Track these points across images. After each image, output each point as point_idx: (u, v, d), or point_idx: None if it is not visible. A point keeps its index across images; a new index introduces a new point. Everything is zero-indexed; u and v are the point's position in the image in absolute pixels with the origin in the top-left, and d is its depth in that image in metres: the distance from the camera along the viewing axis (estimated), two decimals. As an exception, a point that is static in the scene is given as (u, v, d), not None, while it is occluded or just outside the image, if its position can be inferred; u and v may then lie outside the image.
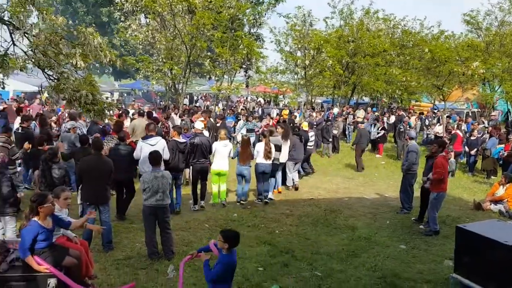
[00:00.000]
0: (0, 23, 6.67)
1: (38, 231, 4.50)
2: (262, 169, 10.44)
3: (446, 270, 6.88)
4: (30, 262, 4.36)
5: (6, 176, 7.00)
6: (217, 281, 4.55)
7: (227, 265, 4.56)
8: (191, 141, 9.67)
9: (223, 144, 10.08)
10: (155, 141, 8.76)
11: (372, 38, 24.82)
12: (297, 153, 11.72)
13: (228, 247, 4.59)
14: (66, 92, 6.31)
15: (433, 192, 8.71)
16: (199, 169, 9.81)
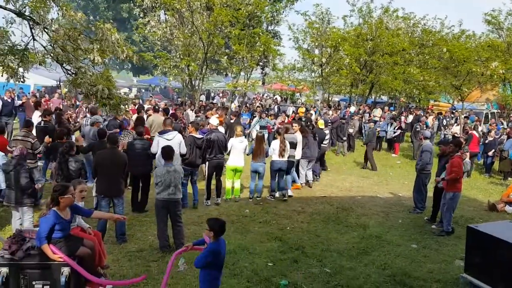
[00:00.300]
0: (21, 18, 6.83)
1: (56, 221, 4.64)
2: (278, 166, 10.49)
3: (456, 270, 6.87)
4: (45, 250, 4.49)
5: (25, 167, 7.19)
6: (206, 267, 4.73)
7: (212, 253, 4.70)
8: (208, 137, 9.74)
9: (239, 141, 10.16)
10: (171, 136, 8.88)
11: (391, 37, 24.61)
12: (310, 151, 11.73)
13: (213, 235, 4.73)
14: (83, 87, 6.45)
15: (449, 192, 8.65)
16: (216, 164, 9.86)
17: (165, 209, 7.14)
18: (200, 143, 9.52)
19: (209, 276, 4.76)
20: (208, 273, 4.76)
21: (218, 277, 4.85)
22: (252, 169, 10.41)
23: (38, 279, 4.52)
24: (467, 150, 12.43)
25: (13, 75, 6.32)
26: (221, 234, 4.81)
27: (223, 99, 31.93)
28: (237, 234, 8.20)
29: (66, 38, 7.00)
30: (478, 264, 6.33)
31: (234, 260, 6.98)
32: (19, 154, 7.26)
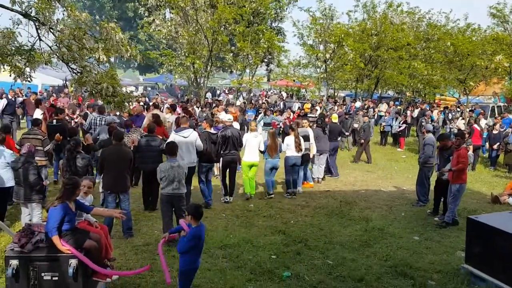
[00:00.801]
0: (27, 19, 7.00)
1: (67, 213, 4.81)
2: (293, 162, 10.56)
3: (458, 261, 6.94)
4: (55, 241, 4.65)
5: (33, 164, 7.36)
6: (187, 252, 4.95)
7: (193, 237, 4.92)
8: (222, 133, 9.80)
9: (253, 135, 10.25)
10: (188, 133, 8.91)
11: (395, 32, 24.64)
12: (320, 144, 11.77)
13: (193, 219, 4.97)
14: (88, 85, 6.62)
15: (455, 184, 8.72)
16: (230, 160, 9.86)
17: (169, 203, 7.29)
18: (214, 139, 9.61)
19: (190, 259, 5.03)
20: (189, 258, 5.02)
21: (197, 259, 5.14)
22: (269, 165, 10.41)
23: (47, 271, 4.68)
24: (470, 143, 12.46)
25: (20, 74, 6.49)
26: (200, 218, 5.06)
27: (229, 96, 32.08)
28: (242, 228, 8.33)
29: (72, 38, 7.16)
30: (479, 254, 6.41)
31: (238, 253, 7.11)
32: (27, 152, 7.44)
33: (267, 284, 6.16)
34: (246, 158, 10.25)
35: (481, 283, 6.19)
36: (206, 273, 6.41)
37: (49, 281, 4.68)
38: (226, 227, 8.40)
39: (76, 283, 4.70)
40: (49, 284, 4.68)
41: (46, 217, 5.01)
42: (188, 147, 8.83)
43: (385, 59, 25.05)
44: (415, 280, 6.34)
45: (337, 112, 20.09)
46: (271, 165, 10.43)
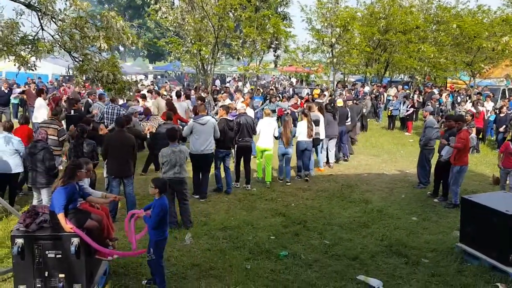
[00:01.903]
0: (30, 9, 7.21)
1: (73, 192, 5.06)
2: (304, 147, 10.72)
3: (453, 240, 7.07)
4: (61, 218, 4.89)
5: (50, 150, 7.64)
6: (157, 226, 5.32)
7: (160, 207, 5.33)
8: (237, 121, 9.96)
9: (267, 122, 10.40)
10: (205, 121, 8.98)
11: (404, 15, 24.40)
12: (330, 129, 11.85)
13: (158, 191, 5.39)
14: (89, 73, 6.82)
15: (456, 166, 8.82)
16: (244, 146, 10.06)
17: (171, 187, 7.47)
18: (232, 125, 9.75)
19: (160, 232, 5.42)
20: (159, 231, 5.40)
21: (166, 230, 5.56)
22: (282, 152, 10.53)
23: (51, 249, 4.93)
24: (473, 126, 12.46)
25: (24, 64, 6.70)
26: (164, 191, 5.49)
27: (237, 83, 32.17)
28: (243, 211, 8.55)
29: (73, 27, 7.36)
30: (472, 233, 6.55)
31: (238, 234, 7.34)
32: (42, 138, 7.68)
33: (264, 263, 6.37)
34: (260, 143, 10.41)
35: (474, 261, 6.34)
36: (206, 253, 6.67)
37: (53, 259, 4.93)
38: (228, 210, 8.62)
39: (78, 260, 4.94)
40: (53, 261, 4.93)
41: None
42: (206, 134, 8.94)
43: (394, 42, 24.84)
44: (408, 258, 6.52)
45: (345, 97, 20.14)
46: (283, 151, 10.56)
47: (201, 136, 8.88)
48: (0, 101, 16.16)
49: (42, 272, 4.93)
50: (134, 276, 5.90)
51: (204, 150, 8.88)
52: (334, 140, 12.28)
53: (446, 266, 6.27)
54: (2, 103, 16.17)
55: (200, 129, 8.88)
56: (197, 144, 8.86)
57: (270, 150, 10.44)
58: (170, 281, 5.76)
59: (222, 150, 9.60)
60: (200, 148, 8.86)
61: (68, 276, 4.95)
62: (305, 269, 6.22)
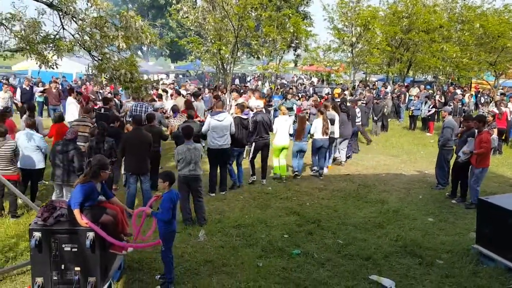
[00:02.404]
0: (51, 9, 7.41)
1: (92, 191, 5.20)
2: (320, 144, 10.83)
3: (469, 241, 6.97)
4: (76, 214, 5.02)
5: (80, 150, 7.84)
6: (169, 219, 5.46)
7: (170, 200, 5.48)
8: (253, 119, 10.17)
9: (284, 119, 10.53)
10: (223, 117, 9.25)
11: (427, 14, 24.06)
12: (344, 129, 11.91)
13: (168, 184, 5.56)
14: (107, 71, 6.97)
15: (478, 168, 8.70)
16: (262, 144, 10.23)
17: (186, 184, 7.61)
18: (246, 124, 9.93)
19: (169, 225, 5.54)
20: (168, 224, 5.52)
21: (173, 222, 5.67)
22: (296, 148, 10.74)
23: (67, 243, 5.06)
24: (494, 127, 12.24)
25: (45, 62, 6.88)
26: (172, 182, 5.68)
27: (257, 82, 32.22)
28: (257, 209, 8.59)
29: (93, 26, 7.54)
30: (489, 235, 6.45)
31: (252, 232, 7.39)
32: (73, 137, 7.88)
33: (277, 261, 6.41)
34: (277, 141, 10.52)
35: (490, 262, 6.25)
36: (220, 250, 6.74)
37: (69, 252, 5.06)
38: (242, 208, 8.68)
39: (93, 254, 5.07)
40: (69, 254, 5.06)
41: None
42: (223, 130, 9.21)
43: (417, 42, 24.52)
44: (423, 258, 6.47)
45: (366, 96, 19.97)
46: (297, 148, 10.74)
47: (219, 131, 9.14)
48: (23, 98, 16.57)
49: (59, 265, 5.07)
50: (148, 271, 6.01)
51: (222, 145, 9.20)
52: (346, 140, 12.35)
53: (461, 267, 6.20)
54: (25, 100, 16.56)
55: (217, 125, 9.11)
56: (215, 140, 9.14)
57: (287, 147, 10.60)
58: (183, 277, 5.87)
59: (236, 148, 9.76)
60: (218, 143, 9.16)
61: (84, 269, 5.08)
62: (317, 268, 6.23)
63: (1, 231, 7.16)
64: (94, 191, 5.31)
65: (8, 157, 7.60)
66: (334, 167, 12.10)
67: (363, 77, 31.27)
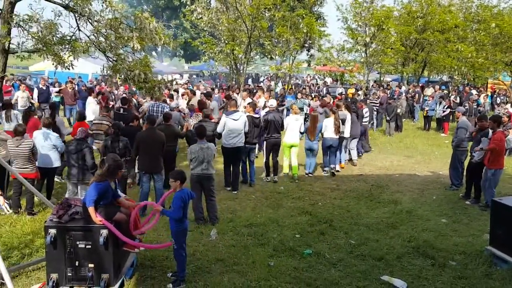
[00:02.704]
0: (68, 11, 7.54)
1: (107, 190, 5.29)
2: (330, 143, 11.02)
3: (483, 243, 6.90)
4: (91, 212, 5.10)
5: (92, 149, 7.97)
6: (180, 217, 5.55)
7: (181, 199, 5.56)
8: (265, 118, 10.33)
9: (294, 118, 10.63)
10: (238, 116, 9.47)
11: (442, 14, 23.85)
12: (354, 129, 12.01)
13: (179, 183, 5.63)
14: (122, 72, 7.07)
15: (490, 169, 8.63)
16: (274, 143, 10.42)
17: (199, 183, 7.67)
18: (257, 122, 10.11)
19: (182, 224, 5.63)
20: (180, 223, 5.60)
21: (185, 220, 5.73)
22: (307, 147, 10.95)
23: (81, 240, 5.14)
24: (510, 127, 12.09)
25: (61, 63, 7.01)
26: (183, 181, 5.74)
27: (270, 82, 32.26)
28: (269, 209, 8.62)
29: (108, 28, 7.66)
30: (502, 236, 6.38)
31: (263, 232, 7.41)
32: (84, 136, 8.02)
33: (288, 260, 6.42)
34: (287, 139, 10.64)
35: (503, 264, 6.19)
36: (231, 248, 6.77)
37: (83, 249, 5.13)
38: (254, 207, 8.72)
39: (107, 251, 5.14)
40: (83, 251, 5.14)
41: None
42: (238, 129, 9.42)
43: (432, 42, 24.33)
44: (435, 260, 6.42)
45: (379, 96, 19.86)
46: (308, 146, 10.92)
47: (234, 130, 9.34)
48: (40, 98, 16.83)
49: (73, 261, 5.14)
50: (160, 269, 6.07)
51: (236, 143, 9.44)
52: (356, 140, 12.49)
53: (473, 269, 6.15)
54: (42, 100, 16.81)
55: (232, 124, 9.32)
56: (230, 138, 9.35)
57: (296, 146, 10.67)
58: (194, 275, 5.91)
59: (247, 145, 9.91)
60: (233, 142, 9.38)
61: (97, 266, 5.15)
62: (328, 268, 6.23)
63: (17, 228, 7.29)
64: (109, 189, 5.39)
65: (26, 155, 7.75)
66: (347, 167, 12.08)
67: (378, 77, 31.07)
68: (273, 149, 10.48)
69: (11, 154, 7.82)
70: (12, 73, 24.44)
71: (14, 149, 7.73)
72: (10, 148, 7.80)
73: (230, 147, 9.46)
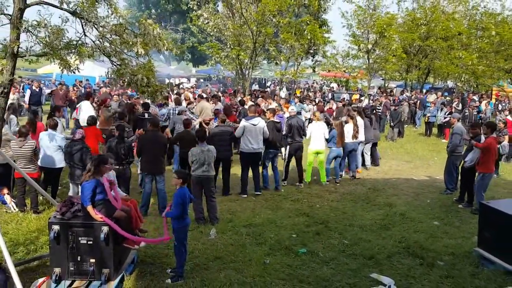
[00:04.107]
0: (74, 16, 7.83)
1: (97, 185, 5.56)
2: (352, 147, 11.40)
3: (472, 245, 7.12)
4: (89, 210, 5.41)
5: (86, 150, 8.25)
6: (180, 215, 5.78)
7: (181, 197, 5.81)
8: (288, 123, 10.65)
9: (317, 125, 10.88)
10: (256, 121, 9.71)
11: (446, 21, 24.04)
12: (367, 134, 12.23)
13: (182, 181, 5.94)
14: (125, 76, 7.35)
15: (479, 173, 8.83)
16: (297, 147, 10.66)
17: (199, 185, 7.94)
18: (279, 127, 10.36)
19: (183, 221, 5.87)
20: (181, 220, 5.84)
21: (186, 217, 5.97)
22: (334, 154, 11.04)
23: (83, 236, 5.42)
24: (506, 133, 12.26)
25: (67, 67, 7.28)
26: (186, 182, 6.07)
27: (276, 88, 32.52)
28: (268, 210, 8.87)
29: (113, 33, 7.94)
30: (489, 238, 6.60)
31: (261, 231, 7.66)
32: (81, 138, 8.32)
33: (283, 258, 6.67)
34: (312, 146, 10.84)
35: (490, 265, 6.40)
36: (229, 247, 7.02)
37: (85, 245, 5.42)
38: (254, 209, 8.97)
39: (107, 247, 5.42)
40: (84, 247, 5.42)
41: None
42: (257, 134, 9.68)
43: (435, 49, 24.51)
44: (424, 259, 6.65)
45: (382, 103, 20.05)
46: (335, 153, 11.04)
47: (253, 136, 9.59)
48: (32, 100, 17.19)
49: (75, 256, 5.43)
50: (159, 265, 6.33)
51: (255, 149, 9.68)
52: (369, 144, 12.72)
53: (461, 269, 6.36)
54: (34, 101, 17.16)
55: (251, 129, 9.58)
56: (249, 143, 9.59)
57: (322, 152, 10.93)
58: (192, 271, 6.16)
59: (271, 150, 10.19)
60: (253, 147, 9.60)
61: (98, 261, 5.43)
62: (321, 266, 6.47)
63: (23, 225, 7.60)
64: (100, 185, 5.63)
65: (28, 156, 8.07)
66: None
67: (382, 84, 31.24)
68: (295, 153, 10.68)
69: (14, 154, 8.14)
70: (20, 75, 24.87)
71: (17, 149, 8.07)
72: (14, 149, 8.13)
73: (249, 152, 9.67)
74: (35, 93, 17.75)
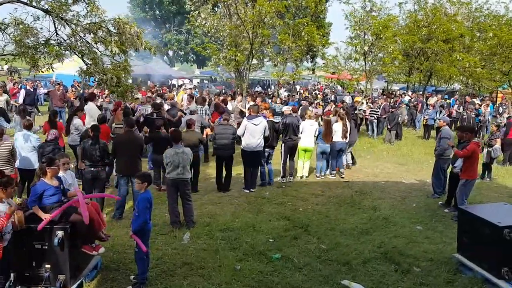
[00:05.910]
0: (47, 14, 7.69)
1: (45, 188, 5.39)
2: (340, 147, 11.46)
3: (452, 250, 6.85)
4: (35, 211, 5.31)
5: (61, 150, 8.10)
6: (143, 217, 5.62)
7: (147, 200, 5.67)
8: (283, 121, 10.81)
9: (310, 123, 11.01)
10: (258, 121, 9.85)
11: (447, 23, 23.69)
12: (352, 136, 12.20)
13: (146, 186, 5.77)
14: (95, 75, 7.19)
15: (462, 179, 8.57)
16: (291, 145, 10.93)
17: (175, 187, 7.73)
18: (277, 127, 10.58)
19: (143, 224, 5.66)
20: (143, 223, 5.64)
21: (148, 221, 5.80)
22: (320, 150, 11.37)
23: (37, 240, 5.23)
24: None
25: (34, 65, 7.12)
26: (150, 183, 5.95)
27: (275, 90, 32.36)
28: (249, 214, 8.63)
29: (86, 32, 7.79)
30: (467, 244, 6.36)
31: (237, 236, 7.43)
32: (54, 138, 8.17)
33: (255, 264, 6.44)
34: (302, 143, 11.01)
35: (468, 272, 6.16)
36: (201, 252, 6.81)
37: (40, 250, 5.24)
38: (234, 212, 8.74)
39: (62, 252, 5.23)
40: (39, 252, 5.24)
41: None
42: (258, 133, 9.85)
43: (436, 51, 24.17)
44: (400, 266, 6.40)
45: (381, 105, 19.74)
46: (321, 149, 11.33)
47: (255, 135, 9.81)
48: (26, 100, 17.10)
49: (30, 261, 5.26)
50: (123, 271, 6.11)
51: (256, 147, 9.88)
52: (351, 146, 12.82)
53: (436, 276, 6.11)
54: (28, 102, 17.08)
55: (253, 128, 9.75)
56: (251, 142, 9.81)
57: (311, 150, 11.30)
58: (157, 278, 5.95)
59: (267, 149, 10.38)
60: (253, 146, 9.78)
61: (53, 266, 5.24)
62: (293, 272, 6.24)
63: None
64: (48, 186, 5.50)
65: (5, 156, 7.90)
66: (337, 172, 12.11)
67: (385, 86, 30.92)
68: (290, 151, 10.92)
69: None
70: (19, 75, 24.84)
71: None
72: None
73: (250, 151, 9.87)
74: (29, 93, 17.67)
